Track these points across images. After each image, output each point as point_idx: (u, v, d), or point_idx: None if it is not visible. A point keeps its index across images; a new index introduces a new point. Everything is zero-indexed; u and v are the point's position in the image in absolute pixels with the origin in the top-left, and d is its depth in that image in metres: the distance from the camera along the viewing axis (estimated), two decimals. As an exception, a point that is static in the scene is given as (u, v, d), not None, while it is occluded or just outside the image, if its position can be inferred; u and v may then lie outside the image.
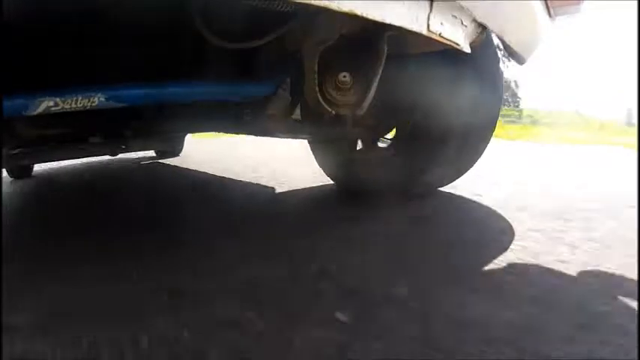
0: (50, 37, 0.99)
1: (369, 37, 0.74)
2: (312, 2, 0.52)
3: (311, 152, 1.64)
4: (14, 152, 1.19)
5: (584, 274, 0.72)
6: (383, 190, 1.35)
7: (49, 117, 1.07)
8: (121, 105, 0.84)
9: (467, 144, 1.20)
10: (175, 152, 3.22)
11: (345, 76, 0.77)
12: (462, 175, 1.33)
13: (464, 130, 1.16)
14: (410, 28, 0.62)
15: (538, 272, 0.79)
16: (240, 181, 1.92)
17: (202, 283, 0.84)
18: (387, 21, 0.59)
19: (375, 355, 0.58)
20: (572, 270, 0.78)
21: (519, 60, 0.90)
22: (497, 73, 1.17)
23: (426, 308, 0.69)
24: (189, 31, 0.92)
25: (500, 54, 1.21)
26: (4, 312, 0.73)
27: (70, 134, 1.29)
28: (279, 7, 0.65)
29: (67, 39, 1.01)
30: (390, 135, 1.40)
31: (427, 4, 0.63)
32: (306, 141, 1.62)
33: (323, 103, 0.78)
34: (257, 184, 1.82)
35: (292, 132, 1.30)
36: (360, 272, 0.85)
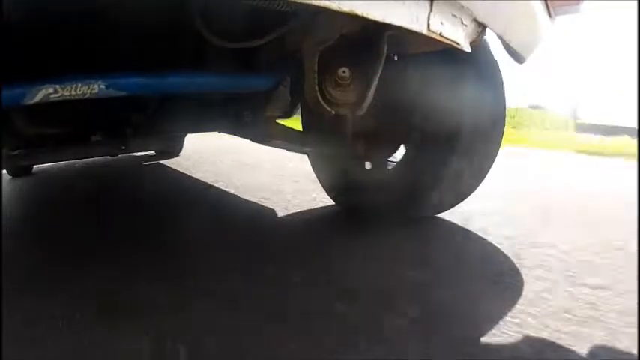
0: (48, 37, 0.98)
1: (369, 37, 0.74)
2: (313, 2, 0.52)
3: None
4: (14, 153, 1.18)
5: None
6: (383, 211, 1.26)
7: (49, 113, 1.07)
8: (121, 93, 0.82)
9: (473, 159, 1.12)
10: (175, 152, 3.23)
11: (344, 72, 0.76)
12: (470, 194, 1.22)
13: (469, 144, 1.08)
14: (410, 28, 0.61)
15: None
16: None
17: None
18: (388, 21, 0.59)
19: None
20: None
21: (519, 59, 0.90)
22: (498, 74, 1.13)
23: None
24: (189, 31, 0.92)
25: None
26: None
27: (71, 133, 1.28)
28: (279, 7, 0.64)
29: (66, 39, 1.01)
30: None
31: (427, 3, 0.62)
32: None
33: (322, 102, 0.77)
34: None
35: (293, 141, 1.27)
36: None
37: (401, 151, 1.26)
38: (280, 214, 1.41)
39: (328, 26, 0.74)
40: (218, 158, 2.72)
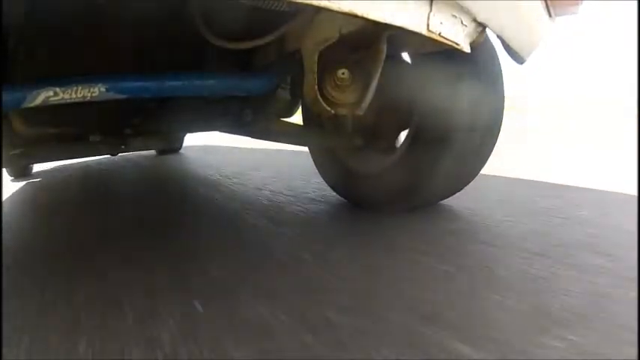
0: (48, 37, 0.98)
1: (368, 37, 0.74)
2: (313, 2, 0.52)
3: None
4: (14, 152, 1.18)
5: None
6: (384, 201, 1.26)
7: (46, 114, 1.07)
8: (121, 96, 0.83)
9: (472, 149, 1.12)
10: (175, 150, 3.26)
11: (343, 73, 0.77)
12: (467, 184, 1.23)
13: (468, 134, 1.08)
14: (410, 28, 0.62)
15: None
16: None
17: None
18: (387, 21, 0.59)
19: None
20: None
21: (519, 60, 0.90)
22: (498, 72, 1.13)
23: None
24: (189, 31, 0.92)
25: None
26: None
27: (69, 134, 1.28)
28: (279, 7, 0.65)
29: (66, 39, 1.01)
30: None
31: (427, 3, 0.62)
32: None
33: (322, 102, 0.77)
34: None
35: (293, 136, 1.27)
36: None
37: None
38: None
39: (328, 26, 0.75)
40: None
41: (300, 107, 1.43)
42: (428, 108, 1.10)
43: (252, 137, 1.34)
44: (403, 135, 1.25)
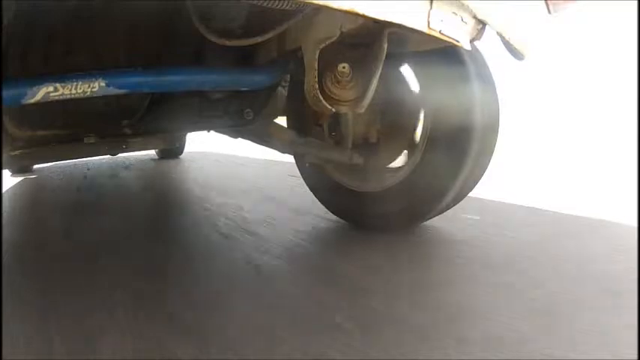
0: (43, 34, 0.98)
1: (369, 35, 0.74)
2: (314, 1, 0.52)
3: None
4: (14, 153, 1.17)
5: None
6: (391, 220, 1.16)
7: (40, 114, 1.06)
8: (121, 91, 0.82)
9: (482, 154, 1.05)
10: (177, 152, 3.22)
11: (344, 67, 0.76)
12: (469, 192, 1.15)
13: (481, 138, 1.01)
14: (410, 26, 0.62)
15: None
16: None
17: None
18: (388, 18, 0.59)
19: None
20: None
21: (519, 57, 0.89)
22: (490, 75, 1.10)
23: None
24: (189, 30, 0.92)
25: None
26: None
27: (65, 135, 1.26)
28: (280, 5, 0.65)
29: (67, 38, 1.00)
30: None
31: (427, 2, 0.63)
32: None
33: (322, 99, 0.77)
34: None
35: (293, 141, 1.23)
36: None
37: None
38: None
39: (328, 24, 0.74)
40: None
41: (286, 118, 1.35)
42: (442, 114, 1.03)
43: (250, 140, 1.32)
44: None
